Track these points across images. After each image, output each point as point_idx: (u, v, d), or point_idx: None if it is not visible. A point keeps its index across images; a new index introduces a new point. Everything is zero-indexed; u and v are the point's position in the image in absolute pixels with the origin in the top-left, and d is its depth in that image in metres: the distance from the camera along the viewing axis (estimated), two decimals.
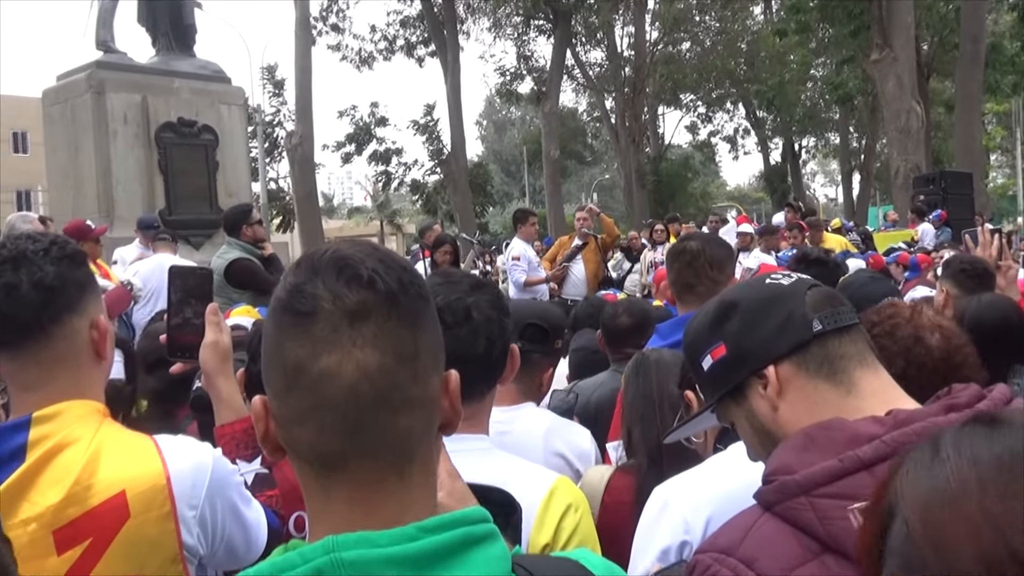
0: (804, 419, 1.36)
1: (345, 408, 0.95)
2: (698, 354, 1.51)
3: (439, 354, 1.04)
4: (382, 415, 0.97)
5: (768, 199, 54.21)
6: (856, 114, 40.99)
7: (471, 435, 1.83)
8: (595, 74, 40.35)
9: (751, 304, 1.46)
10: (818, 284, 1.50)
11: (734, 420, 1.51)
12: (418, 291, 1.01)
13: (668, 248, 3.42)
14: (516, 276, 9.60)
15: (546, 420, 2.66)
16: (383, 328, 0.97)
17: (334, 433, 0.96)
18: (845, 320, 1.43)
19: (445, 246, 9.30)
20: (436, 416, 1.04)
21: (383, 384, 0.96)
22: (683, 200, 44.44)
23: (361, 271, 0.98)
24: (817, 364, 1.40)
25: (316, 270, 0.99)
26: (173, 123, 11.60)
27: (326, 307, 0.96)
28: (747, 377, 1.44)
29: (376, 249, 1.03)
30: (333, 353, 0.95)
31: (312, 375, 0.95)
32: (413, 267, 1.05)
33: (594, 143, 48.16)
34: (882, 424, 1.26)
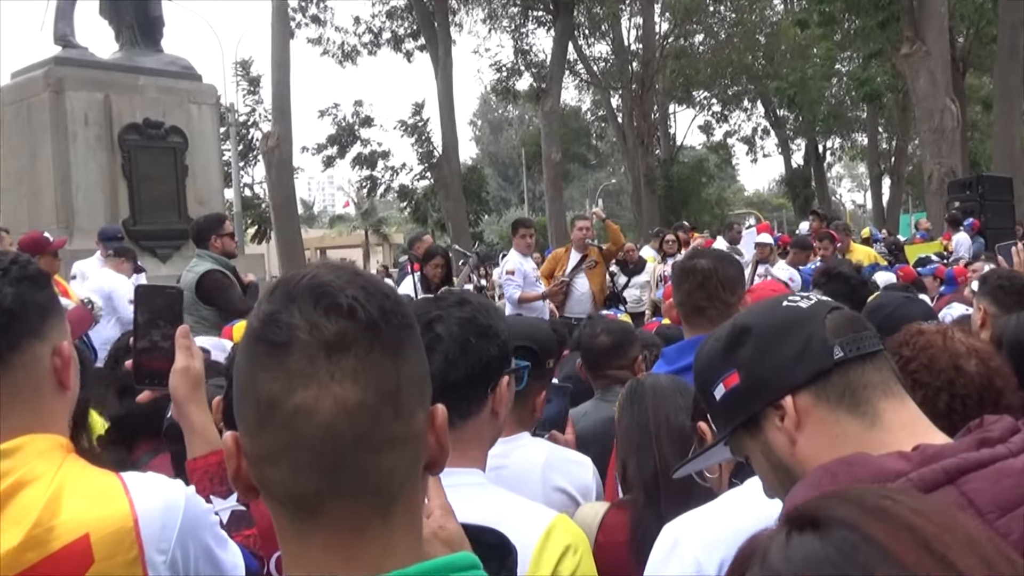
0: (824, 454, 1.37)
1: (322, 447, 0.96)
2: (710, 383, 1.52)
3: (425, 387, 1.05)
4: (362, 454, 0.97)
5: (790, 205, 54.31)
6: (885, 113, 41.09)
7: (462, 469, 1.84)
8: (599, 70, 40.45)
9: (767, 329, 1.47)
10: (839, 307, 1.50)
11: (749, 454, 1.52)
12: (401, 320, 1.02)
13: (675, 265, 3.43)
14: (510, 292, 9.63)
15: (544, 451, 2.67)
16: (364, 360, 0.98)
17: (310, 473, 0.97)
18: (868, 346, 1.44)
19: (436, 259, 9.28)
20: (421, 454, 1.04)
21: (363, 421, 0.97)
22: (696, 207, 44.48)
23: (340, 299, 0.99)
24: (838, 394, 1.41)
25: (292, 297, 0.99)
26: (138, 124, 11.61)
27: (302, 338, 0.97)
28: (763, 408, 1.45)
29: (357, 275, 1.04)
30: (309, 387, 0.96)
31: (287, 411, 0.96)
32: (396, 294, 1.06)
33: (599, 145, 48.28)
34: (909, 460, 1.26)
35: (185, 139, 12.00)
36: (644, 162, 37.81)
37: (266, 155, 29.30)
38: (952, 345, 2.00)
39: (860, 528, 0.79)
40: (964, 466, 1.22)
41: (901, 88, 30.96)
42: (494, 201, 56.57)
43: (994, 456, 1.24)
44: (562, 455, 2.75)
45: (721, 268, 3.23)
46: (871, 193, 48.79)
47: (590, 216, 11.48)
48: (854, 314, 1.51)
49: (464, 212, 33.89)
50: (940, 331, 2.07)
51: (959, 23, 29.17)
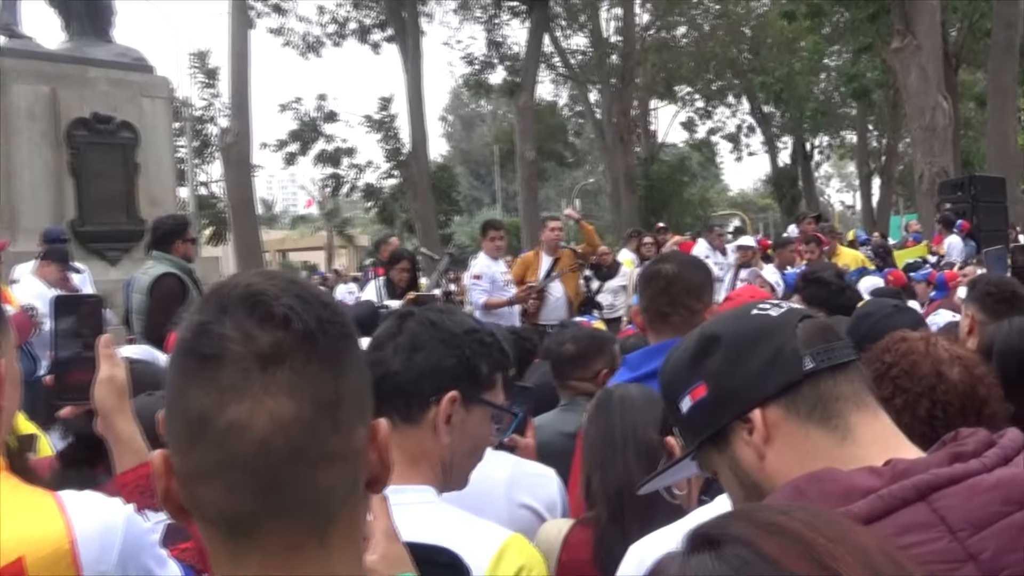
0: (794, 469, 1.38)
1: (256, 465, 0.96)
2: (676, 395, 1.53)
3: (366, 400, 1.06)
4: (299, 472, 0.97)
5: (776, 206, 54.61)
6: (875, 110, 41.42)
7: (412, 486, 1.84)
8: (577, 63, 40.55)
9: (735, 338, 1.48)
10: (811, 315, 1.52)
11: (716, 469, 1.53)
12: (340, 330, 1.03)
13: (639, 271, 3.48)
14: (475, 297, 9.66)
15: (508, 466, 2.67)
16: (300, 373, 0.98)
17: (244, 493, 0.97)
18: (840, 356, 1.45)
19: (402, 263, 9.29)
20: (362, 471, 1.05)
21: (300, 437, 0.97)
22: (678, 207, 44.66)
23: (275, 308, 0.99)
24: (809, 407, 1.42)
25: (224, 307, 0.99)
26: (87, 119, 11.51)
27: (235, 349, 0.97)
28: (731, 421, 1.46)
29: (293, 283, 1.04)
30: (243, 402, 0.96)
31: (219, 427, 0.96)
32: (335, 302, 1.06)
33: (576, 142, 48.40)
34: (879, 476, 1.28)
35: (136, 135, 11.90)
36: (623, 160, 37.92)
37: (223, 152, 29.20)
38: (935, 352, 2.03)
39: (753, 544, 0.82)
40: (935, 482, 1.24)
41: (891, 84, 31.17)
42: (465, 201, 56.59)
43: (967, 471, 1.25)
44: (526, 469, 2.76)
45: (686, 273, 3.27)
46: (860, 193, 49.18)
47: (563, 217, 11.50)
48: (826, 323, 1.52)
49: (433, 213, 33.88)
50: (923, 338, 2.10)
51: (952, 17, 29.44)
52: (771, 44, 40.34)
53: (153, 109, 12.32)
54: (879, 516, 1.22)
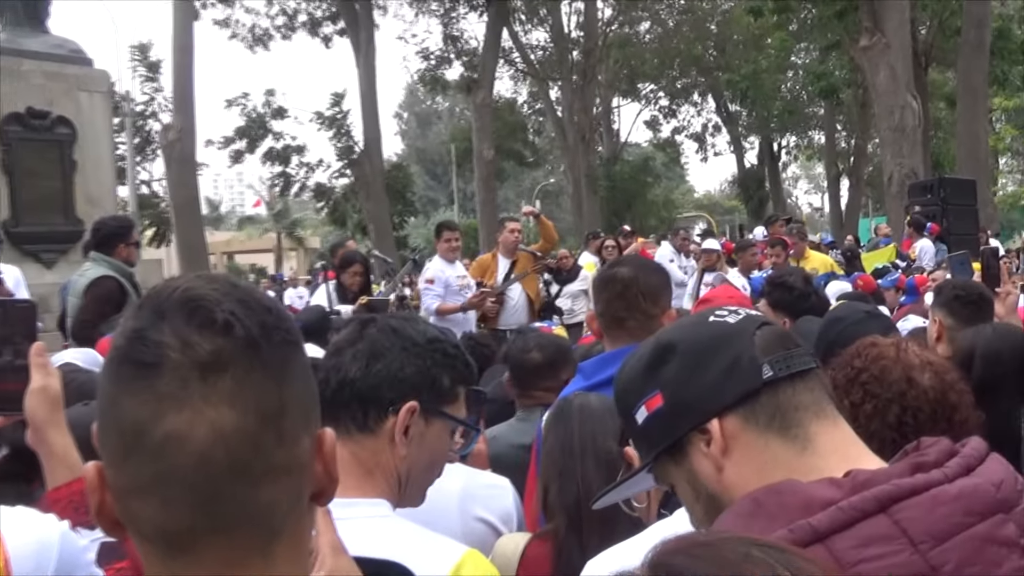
0: (753, 481, 1.39)
1: (195, 478, 0.96)
2: (631, 405, 1.53)
3: (311, 410, 1.06)
4: (240, 486, 0.97)
5: (743, 208, 54.99)
6: (844, 109, 41.83)
7: (366, 500, 1.84)
8: (537, 59, 40.64)
9: (691, 346, 1.49)
10: (769, 322, 1.54)
11: (674, 482, 1.53)
12: (284, 336, 1.03)
13: (596, 275, 3.51)
14: (427, 302, 9.66)
15: (461, 478, 2.67)
16: (242, 382, 0.97)
17: (182, 508, 0.96)
18: (799, 364, 1.46)
19: (354, 266, 9.26)
20: (307, 484, 1.05)
21: (242, 449, 0.97)
22: (642, 209, 44.82)
23: (216, 314, 0.98)
24: (768, 416, 1.43)
25: (162, 312, 0.99)
26: (20, 114, 11.37)
27: (173, 357, 0.96)
28: (687, 432, 1.47)
29: (235, 287, 1.03)
30: (181, 412, 0.95)
31: (155, 439, 0.95)
32: (279, 307, 1.06)
33: (536, 141, 48.39)
34: (839, 487, 1.29)
35: (74, 131, 11.76)
36: (585, 160, 38.07)
37: (166, 149, 28.93)
38: (905, 357, 2.06)
39: None
40: (896, 493, 1.25)
41: (860, 83, 31.54)
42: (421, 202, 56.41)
43: (928, 482, 1.27)
44: (480, 480, 2.77)
45: (643, 277, 3.29)
46: (828, 195, 49.62)
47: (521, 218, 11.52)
48: (784, 330, 1.54)
49: (387, 214, 33.78)
50: (894, 343, 2.13)
51: (921, 15, 29.79)
52: (737, 41, 40.71)
53: (91, 104, 12.18)
54: (839, 528, 1.23)
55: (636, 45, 41.61)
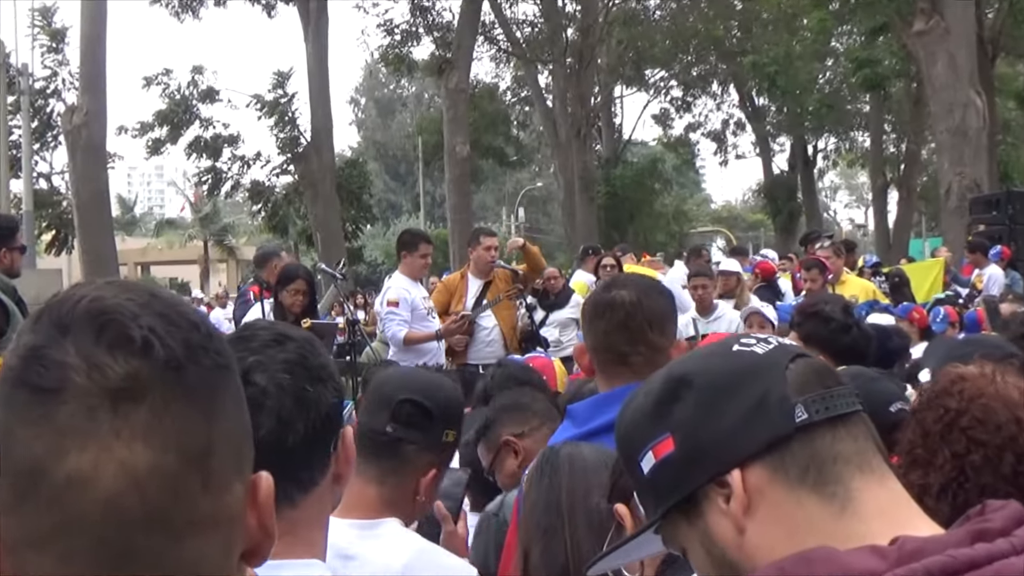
0: (781, 546, 1.39)
1: (103, 530, 0.95)
2: (636, 450, 1.53)
3: (244, 450, 1.05)
4: (158, 540, 0.96)
5: (770, 223, 55.19)
6: (893, 106, 42.06)
7: (296, 561, 1.83)
8: (524, 36, 40.78)
9: (711, 381, 1.49)
10: (805, 354, 1.53)
11: (685, 545, 1.53)
12: (215, 359, 1.02)
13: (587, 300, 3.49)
14: (393, 329, 9.56)
15: (409, 549, 2.66)
16: (161, 414, 0.97)
17: (87, 565, 0.95)
18: (841, 406, 1.46)
19: (296, 282, 9.19)
20: (237, 539, 1.04)
21: (160, 495, 0.96)
22: (647, 222, 44.95)
23: (131, 330, 0.98)
24: (801, 469, 1.43)
25: (64, 327, 0.98)
26: None
27: (78, 382, 0.95)
28: (703, 484, 1.46)
29: (154, 297, 1.03)
30: (87, 449, 0.94)
31: (56, 481, 0.94)
32: (208, 324, 1.05)
33: (521, 136, 48.55)
34: (884, 557, 1.29)
35: None
36: (580, 160, 38.12)
37: (70, 135, 28.78)
38: (1007, 392, 2.05)
39: None
40: (952, 566, 1.25)
41: (913, 75, 31.72)
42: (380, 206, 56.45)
43: (991, 553, 1.27)
44: (432, 558, 2.73)
45: (647, 301, 3.28)
46: (874, 209, 49.83)
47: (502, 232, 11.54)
48: (823, 364, 1.53)
49: (339, 220, 33.73)
50: (983, 374, 2.10)
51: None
52: (766, 20, 40.73)
53: None
54: None
55: (644, 23, 41.77)
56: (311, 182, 32.98)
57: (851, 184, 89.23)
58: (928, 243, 31.78)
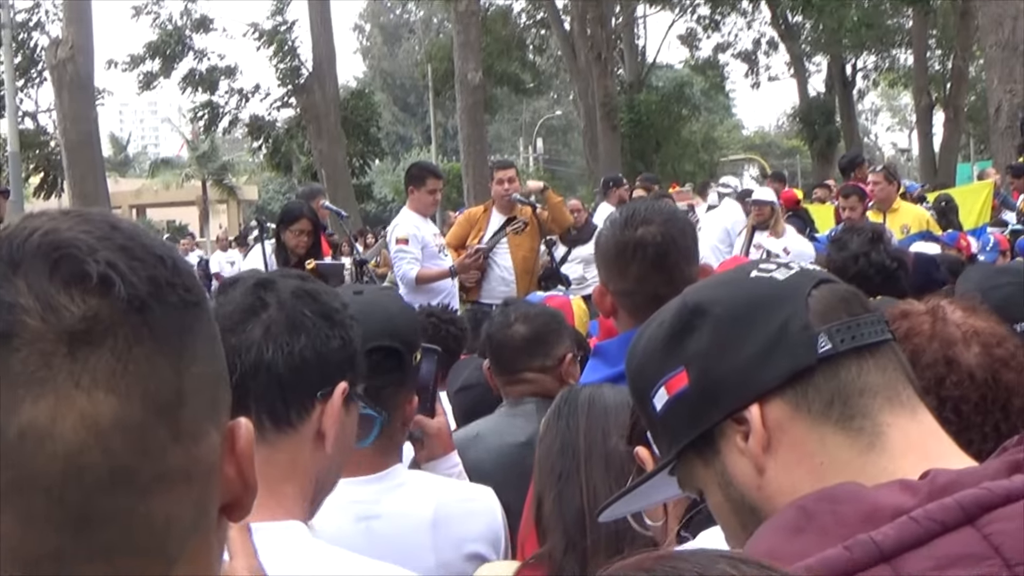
0: (803, 485, 1.38)
1: (64, 489, 0.92)
2: (648, 385, 1.52)
3: (219, 395, 1.03)
4: (124, 498, 0.94)
5: (806, 149, 54.96)
6: (938, 20, 41.71)
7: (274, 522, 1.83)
8: None
9: (727, 310, 1.48)
10: (830, 279, 1.51)
11: (702, 487, 1.52)
12: (183, 296, 0.99)
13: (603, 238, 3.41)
14: (403, 268, 9.52)
15: (432, 496, 2.68)
16: (125, 358, 0.94)
17: (46, 527, 0.93)
18: (868, 335, 1.44)
19: (300, 222, 9.21)
20: (213, 493, 1.02)
21: (125, 448, 0.93)
22: (674, 150, 44.82)
23: (89, 265, 0.94)
24: (824, 403, 1.42)
25: (15, 264, 0.94)
26: None
27: (31, 325, 0.92)
28: (720, 421, 1.45)
29: (114, 228, 0.99)
30: (42, 399, 0.91)
31: (8, 436, 0.91)
32: (177, 257, 1.02)
33: (538, 61, 48.32)
34: (914, 492, 1.27)
35: None
36: (601, 86, 37.93)
37: (55, 70, 28.80)
38: (944, 330, 2.01)
39: None
40: (987, 500, 1.23)
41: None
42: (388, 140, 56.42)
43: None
44: (456, 495, 2.77)
45: (678, 235, 3.23)
46: (918, 132, 49.52)
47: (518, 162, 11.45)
48: (850, 290, 1.50)
49: (344, 155, 33.77)
50: (930, 310, 2.07)
51: None
52: None
53: None
54: (912, 545, 1.21)
55: None
56: (314, 115, 32.96)
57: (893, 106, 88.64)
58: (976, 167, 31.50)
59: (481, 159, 33.10)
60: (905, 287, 4.81)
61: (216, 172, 55.19)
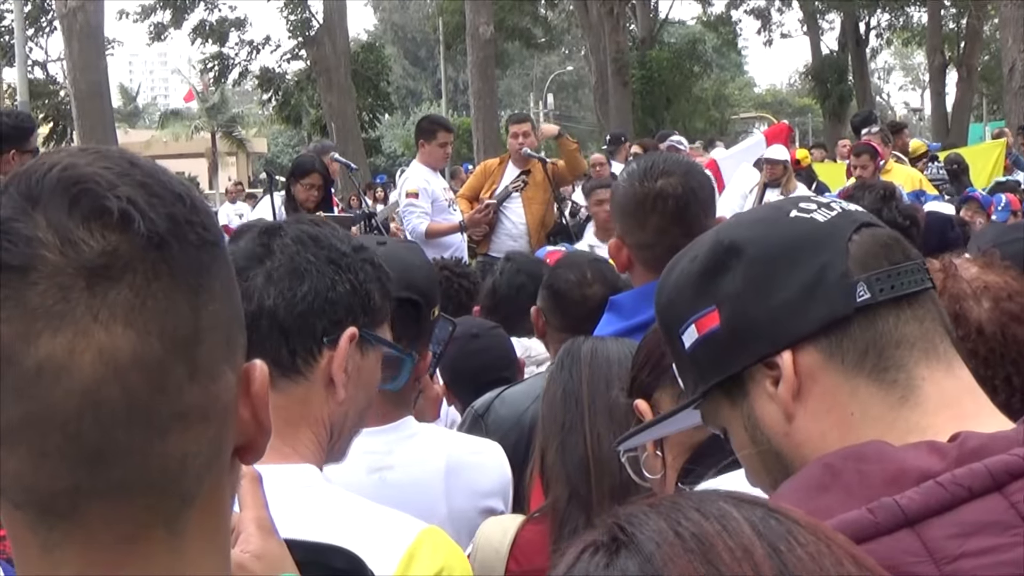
0: (832, 437, 1.37)
1: (80, 424, 0.92)
2: (677, 321, 1.51)
3: (235, 335, 1.03)
4: (140, 435, 0.94)
5: (818, 108, 54.91)
6: None
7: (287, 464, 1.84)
8: None
9: (763, 251, 1.45)
10: (873, 222, 1.48)
11: (727, 426, 1.51)
12: (202, 235, 0.98)
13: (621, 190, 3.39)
14: (413, 223, 9.53)
15: (444, 446, 2.69)
16: (144, 294, 0.93)
17: (61, 462, 0.93)
18: (908, 284, 1.42)
19: (311, 176, 9.21)
20: (229, 433, 1.02)
21: (142, 384, 0.93)
22: (686, 107, 44.83)
23: (108, 201, 0.94)
24: (859, 354, 1.40)
25: (34, 198, 0.94)
26: None
27: (50, 259, 0.92)
28: (750, 365, 1.44)
29: (134, 165, 0.99)
30: (60, 333, 0.91)
31: (25, 368, 0.91)
32: (196, 197, 1.01)
33: (549, 15, 48.27)
34: (942, 455, 1.26)
35: None
36: (613, 41, 37.89)
37: (65, 20, 28.79)
38: (954, 285, 1.99)
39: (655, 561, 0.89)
40: (1017, 466, 1.22)
41: None
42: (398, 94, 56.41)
43: None
44: (467, 447, 2.79)
45: (697, 187, 3.23)
46: (930, 91, 49.49)
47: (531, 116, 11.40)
48: (891, 236, 1.48)
49: (354, 109, 33.78)
50: (943, 266, 2.05)
51: None
52: None
53: None
54: (937, 510, 1.19)
55: None
56: (324, 68, 32.96)
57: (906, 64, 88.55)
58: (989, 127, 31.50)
59: (491, 114, 33.16)
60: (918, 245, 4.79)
61: (225, 124, 55.34)
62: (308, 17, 34.99)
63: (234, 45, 37.30)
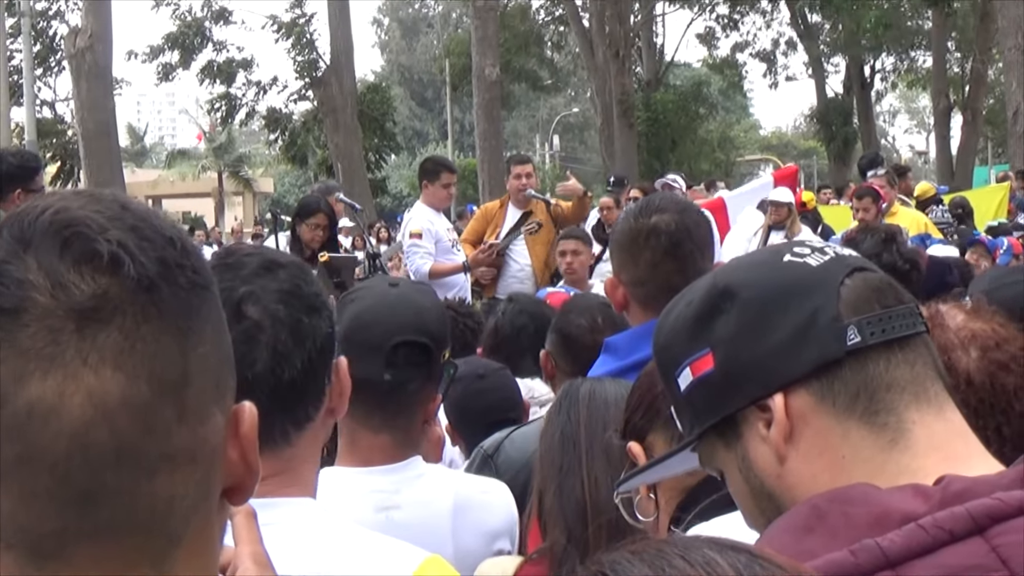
0: (823, 479, 1.38)
1: (69, 465, 0.93)
2: (673, 364, 1.52)
3: (224, 378, 1.03)
4: (128, 477, 0.94)
5: (823, 150, 54.93)
6: (957, 22, 41.63)
7: (284, 499, 1.84)
8: None
9: (757, 294, 1.47)
10: (865, 267, 1.50)
11: (723, 468, 1.52)
12: (192, 278, 0.99)
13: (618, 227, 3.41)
14: (417, 263, 9.54)
15: (451, 487, 2.70)
16: (133, 337, 0.94)
17: (50, 504, 0.93)
18: (900, 328, 1.43)
19: (316, 216, 9.24)
20: (217, 475, 1.02)
21: (131, 427, 0.94)
22: (691, 149, 44.82)
23: (99, 244, 0.95)
24: (850, 397, 1.41)
25: (25, 241, 0.95)
26: None
27: (40, 301, 0.93)
28: (743, 407, 1.45)
29: (125, 209, 1.00)
30: (50, 376, 0.92)
31: (16, 410, 0.92)
32: (185, 239, 1.03)
33: (555, 58, 48.39)
34: (926, 498, 1.27)
35: None
36: (619, 84, 37.93)
37: (74, 59, 28.93)
38: (943, 335, 1.99)
39: None
40: (999, 509, 1.22)
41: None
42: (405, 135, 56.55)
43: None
44: (475, 487, 2.82)
45: (692, 225, 3.24)
46: (935, 135, 49.46)
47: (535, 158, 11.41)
48: (884, 280, 1.49)
49: (361, 149, 33.85)
50: (931, 315, 2.06)
51: None
52: None
53: None
54: (918, 553, 1.20)
55: None
56: (331, 108, 33.04)
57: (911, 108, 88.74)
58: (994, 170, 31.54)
59: (497, 155, 33.14)
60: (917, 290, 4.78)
61: (232, 164, 55.43)
62: (315, 58, 35.10)
63: (241, 85, 37.42)
